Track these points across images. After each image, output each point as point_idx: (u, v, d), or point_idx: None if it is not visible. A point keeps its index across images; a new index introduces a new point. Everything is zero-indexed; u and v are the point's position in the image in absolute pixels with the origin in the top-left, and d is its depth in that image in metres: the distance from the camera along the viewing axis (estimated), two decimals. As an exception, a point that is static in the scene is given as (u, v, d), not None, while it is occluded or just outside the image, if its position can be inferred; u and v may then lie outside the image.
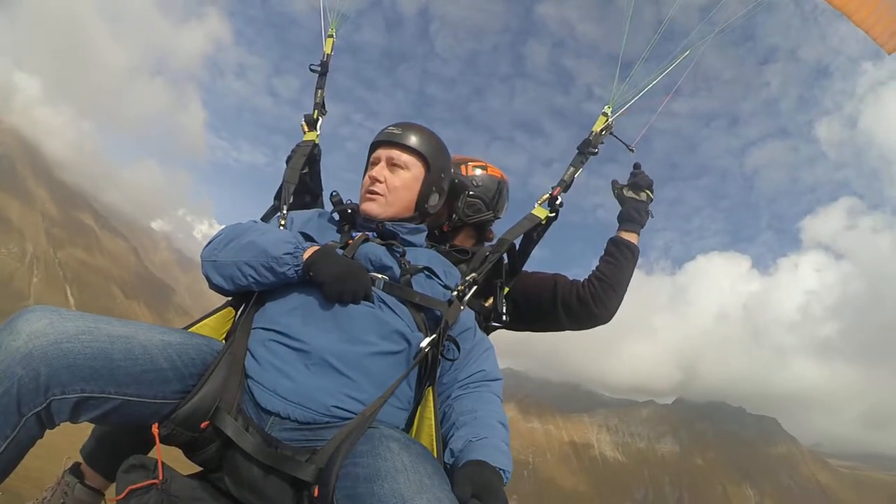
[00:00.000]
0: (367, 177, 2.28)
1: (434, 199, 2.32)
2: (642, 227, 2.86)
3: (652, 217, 2.89)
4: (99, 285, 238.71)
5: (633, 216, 2.84)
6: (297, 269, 1.87)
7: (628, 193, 2.90)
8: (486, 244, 2.91)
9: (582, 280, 2.79)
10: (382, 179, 2.22)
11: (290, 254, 1.87)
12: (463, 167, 2.91)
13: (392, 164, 2.24)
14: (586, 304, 2.69)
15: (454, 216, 2.83)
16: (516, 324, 2.77)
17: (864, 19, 3.28)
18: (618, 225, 2.90)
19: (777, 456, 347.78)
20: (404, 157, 2.24)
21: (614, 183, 2.98)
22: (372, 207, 2.21)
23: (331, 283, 1.83)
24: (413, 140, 2.25)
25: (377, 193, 2.22)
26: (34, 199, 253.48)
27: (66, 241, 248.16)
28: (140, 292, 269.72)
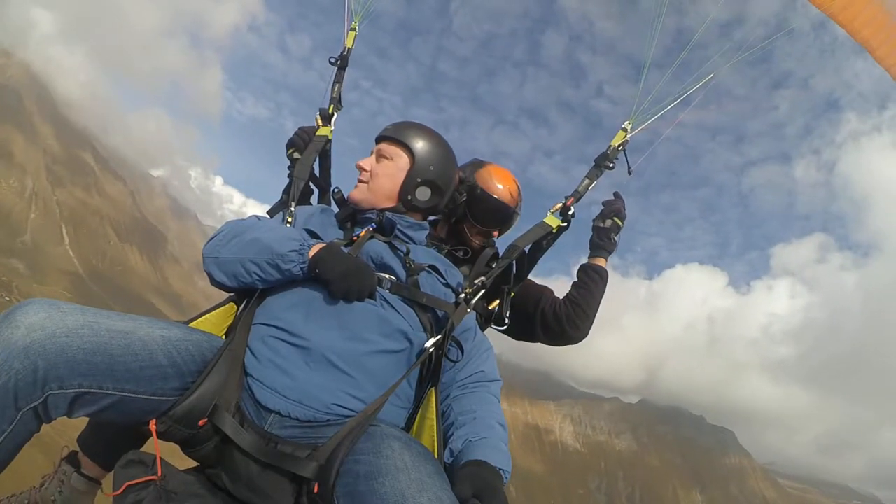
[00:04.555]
0: (355, 166, 2.34)
1: (422, 194, 2.30)
2: (609, 252, 2.98)
3: (617, 243, 2.99)
4: (94, 226, 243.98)
5: (597, 243, 2.97)
6: (302, 266, 1.86)
7: (596, 222, 3.01)
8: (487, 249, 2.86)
9: (560, 300, 2.95)
10: (368, 168, 2.28)
11: (296, 251, 1.86)
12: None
13: (380, 155, 2.29)
14: (560, 322, 2.85)
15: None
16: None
17: (886, 56, 3.27)
18: (588, 251, 3.03)
19: (730, 467, 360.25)
20: (391, 150, 2.28)
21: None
22: (354, 194, 2.29)
23: (337, 280, 1.82)
24: (402, 134, 2.30)
25: (361, 181, 2.29)
26: (38, 134, 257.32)
27: (67, 179, 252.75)
28: (133, 236, 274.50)
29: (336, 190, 2.50)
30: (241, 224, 2.08)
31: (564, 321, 2.85)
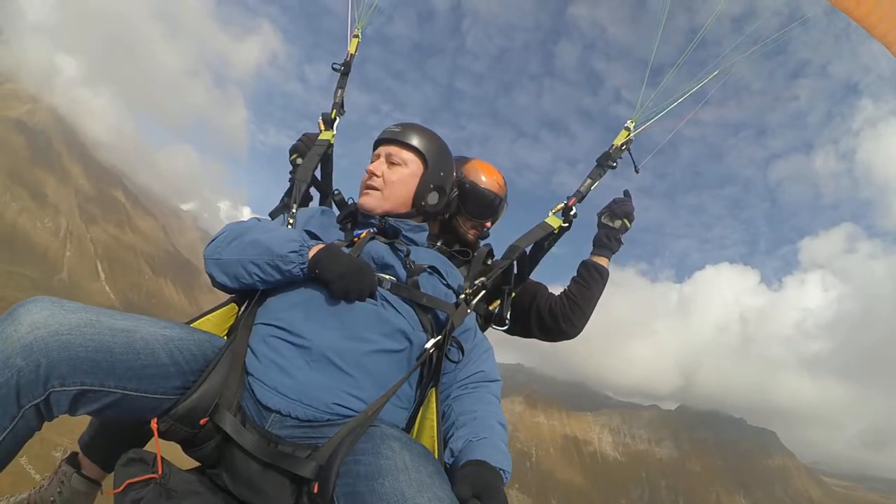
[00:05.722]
0: (365, 171, 2.32)
1: (433, 198, 2.33)
2: (613, 252, 2.96)
3: (622, 244, 2.97)
4: (129, 261, 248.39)
5: (603, 242, 2.94)
6: (302, 267, 1.86)
7: (605, 220, 2.99)
8: (482, 242, 2.94)
9: (557, 296, 2.96)
10: (380, 174, 2.25)
11: (296, 252, 1.86)
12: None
13: (391, 161, 2.27)
14: (556, 319, 2.87)
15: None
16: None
17: (875, 26, 3.23)
18: (591, 248, 3.02)
19: (773, 468, 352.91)
20: (403, 154, 2.27)
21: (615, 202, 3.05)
22: (368, 202, 2.24)
23: (336, 280, 1.81)
24: (413, 138, 2.28)
25: (374, 188, 2.25)
26: (69, 175, 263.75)
27: (99, 217, 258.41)
28: (167, 270, 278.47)
29: (336, 191, 2.48)
30: (242, 226, 2.08)
31: (560, 318, 2.86)
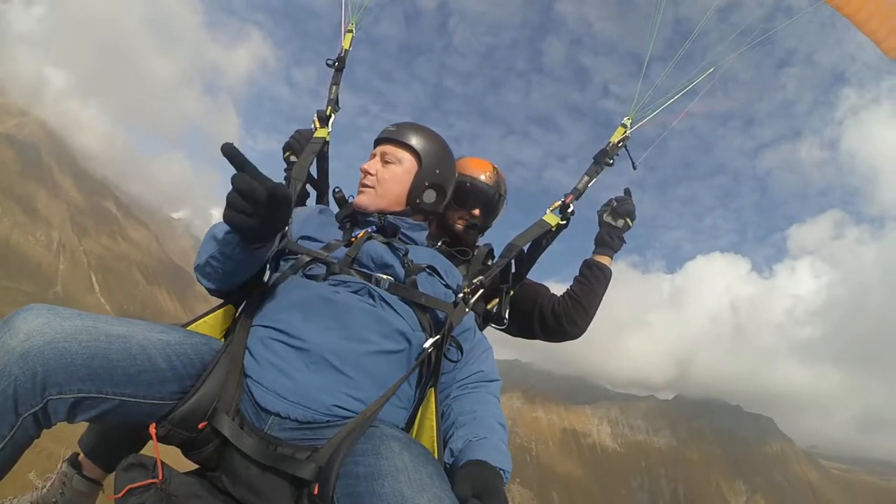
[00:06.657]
0: (360, 170, 2.32)
1: (429, 196, 2.32)
2: (615, 251, 2.96)
3: (625, 243, 2.97)
4: (122, 272, 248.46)
5: (606, 241, 2.94)
6: (239, 241, 1.71)
7: (607, 218, 2.98)
8: (482, 244, 2.80)
9: (559, 296, 2.93)
10: (374, 172, 2.26)
11: (230, 231, 1.73)
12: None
13: (385, 159, 2.28)
14: (559, 319, 2.84)
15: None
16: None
17: (866, 22, 3.26)
18: (593, 247, 3.00)
19: (771, 454, 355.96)
20: (398, 153, 2.27)
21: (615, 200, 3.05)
22: (362, 200, 2.25)
23: (260, 219, 1.56)
24: (407, 137, 2.29)
25: (367, 186, 2.26)
26: (59, 188, 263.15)
27: (91, 228, 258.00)
28: (161, 278, 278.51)
29: (337, 189, 2.47)
30: (211, 228, 1.99)
31: (563, 318, 2.86)
